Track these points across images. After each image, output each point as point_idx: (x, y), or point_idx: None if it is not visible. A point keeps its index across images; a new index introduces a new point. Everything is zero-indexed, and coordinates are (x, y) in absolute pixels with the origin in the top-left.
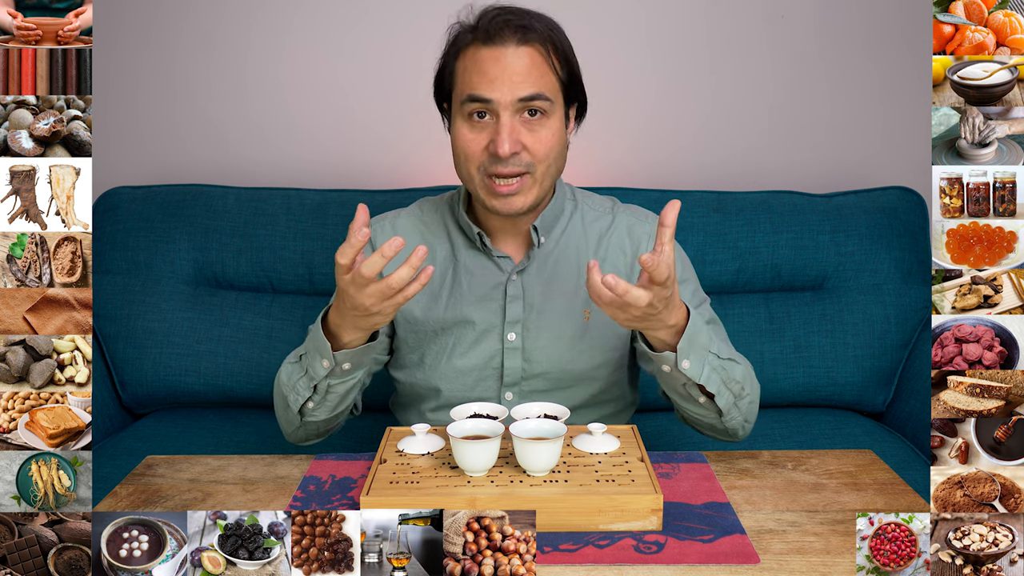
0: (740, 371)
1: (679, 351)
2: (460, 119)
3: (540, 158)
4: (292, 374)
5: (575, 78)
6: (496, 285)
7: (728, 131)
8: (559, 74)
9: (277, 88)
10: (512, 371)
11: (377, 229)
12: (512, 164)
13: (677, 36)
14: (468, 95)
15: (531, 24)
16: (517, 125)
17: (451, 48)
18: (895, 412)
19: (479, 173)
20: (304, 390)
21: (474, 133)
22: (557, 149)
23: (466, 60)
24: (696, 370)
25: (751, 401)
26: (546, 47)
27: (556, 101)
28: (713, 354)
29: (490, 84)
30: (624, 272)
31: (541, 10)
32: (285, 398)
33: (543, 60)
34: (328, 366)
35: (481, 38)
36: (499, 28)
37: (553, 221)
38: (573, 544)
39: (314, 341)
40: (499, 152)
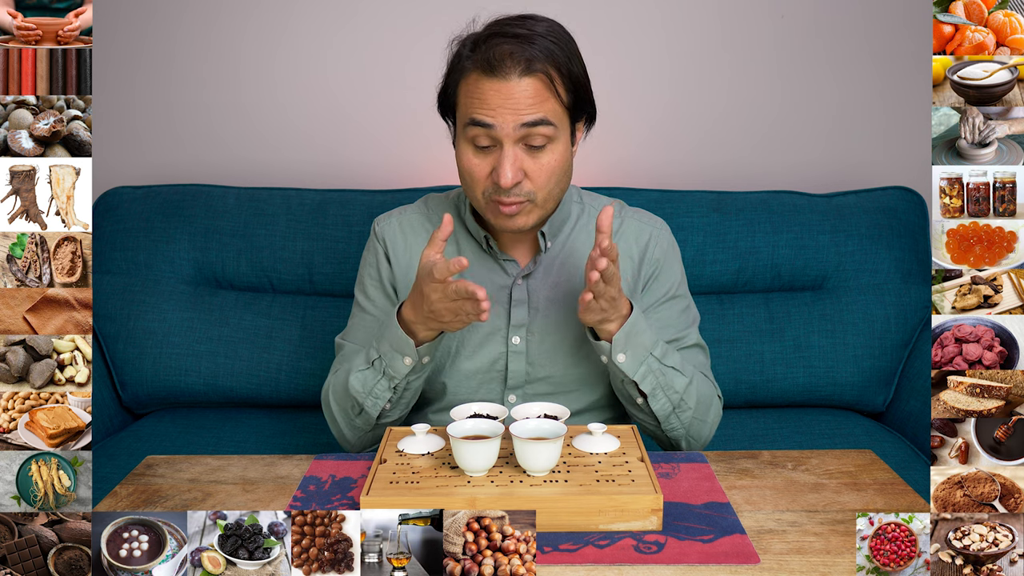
0: (682, 383)
1: (614, 343)
2: (464, 141)
3: (541, 185)
4: (367, 380)
5: (582, 94)
6: (501, 288)
7: (728, 131)
8: (564, 98)
9: (277, 88)
10: (516, 374)
11: (384, 226)
12: (514, 193)
13: (678, 38)
14: (471, 119)
15: (534, 52)
16: (520, 153)
17: (454, 68)
18: (895, 412)
19: (483, 197)
20: (384, 392)
21: (478, 159)
22: (560, 172)
23: (469, 86)
24: (631, 366)
25: (698, 419)
26: (549, 75)
27: (560, 125)
28: (654, 357)
29: (492, 113)
30: (630, 276)
31: (547, 13)
32: (360, 405)
33: (546, 88)
34: (410, 363)
35: (482, 67)
36: (501, 59)
37: (560, 226)
38: (573, 544)
39: (393, 342)
40: (501, 182)
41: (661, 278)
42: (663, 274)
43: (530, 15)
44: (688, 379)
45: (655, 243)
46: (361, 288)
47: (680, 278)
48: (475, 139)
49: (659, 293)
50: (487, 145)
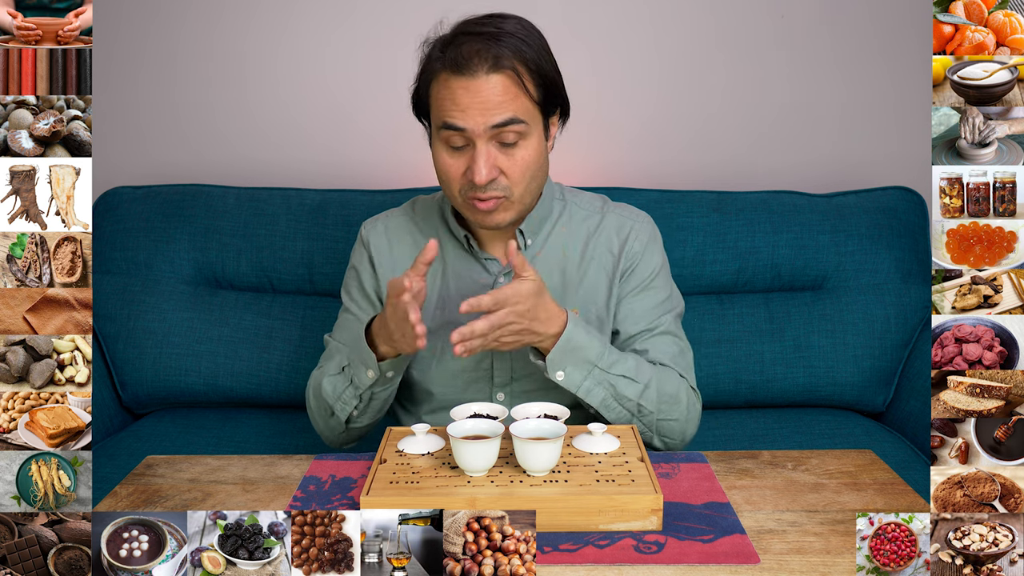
0: (635, 389)
1: (548, 362)
2: (438, 143)
3: (517, 180)
4: (337, 386)
5: (552, 89)
6: (483, 287)
7: (728, 131)
8: (533, 94)
9: (277, 88)
10: (502, 372)
11: (370, 230)
12: (490, 189)
13: (678, 36)
14: (444, 122)
15: (501, 50)
16: (493, 151)
17: (424, 70)
18: (895, 412)
19: (460, 195)
20: (351, 399)
21: (453, 159)
22: (535, 167)
23: (439, 86)
24: (572, 382)
25: (665, 420)
26: (517, 71)
27: (532, 121)
28: (600, 368)
29: (463, 114)
30: (610, 270)
31: (543, 13)
32: (331, 408)
33: (515, 85)
34: (373, 376)
35: (450, 67)
36: (468, 57)
37: (540, 223)
38: (573, 544)
39: (358, 353)
40: (475, 180)
41: (638, 270)
42: (640, 266)
43: (498, 13)
44: (643, 384)
45: (634, 236)
46: (346, 289)
47: (658, 269)
48: (448, 140)
49: (632, 284)
50: (461, 145)
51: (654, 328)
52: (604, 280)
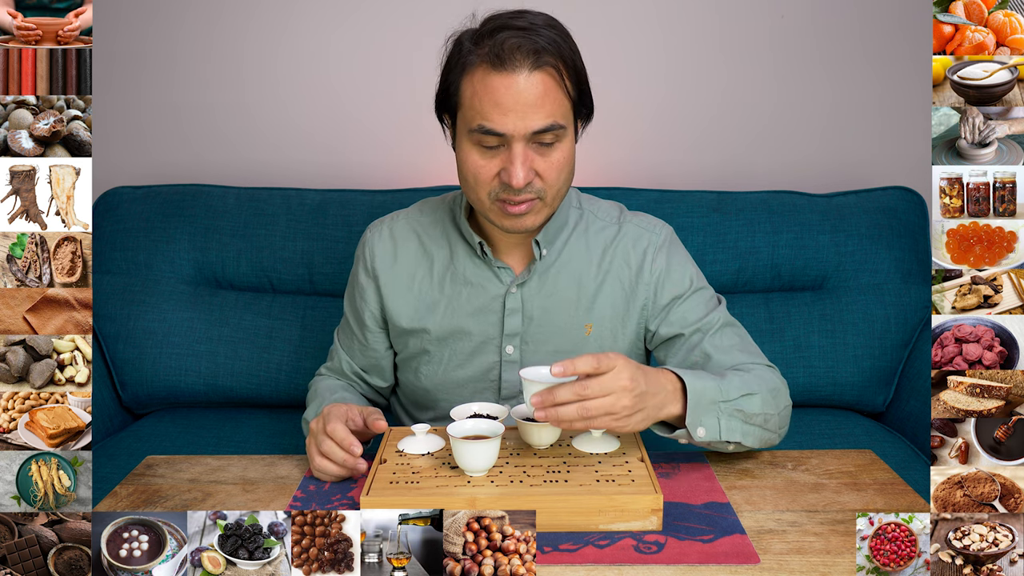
0: (757, 402)
1: (688, 425)
2: (468, 143)
3: (551, 182)
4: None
5: (585, 90)
6: (495, 297)
7: (728, 131)
8: (571, 93)
9: (277, 88)
10: (510, 384)
11: (375, 235)
12: (524, 192)
13: (678, 37)
14: (480, 125)
15: (541, 44)
16: (530, 153)
17: (455, 64)
18: (895, 412)
19: (489, 198)
20: None
21: (485, 160)
22: (569, 168)
23: (475, 83)
24: (713, 432)
25: (780, 414)
26: (558, 68)
27: (568, 123)
28: (725, 403)
29: (503, 117)
30: (627, 284)
31: (544, 9)
32: None
33: (556, 84)
34: None
35: (490, 62)
36: (511, 52)
37: (556, 233)
38: (573, 544)
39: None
40: (512, 183)
41: (670, 283)
42: (671, 278)
43: (526, 10)
44: (757, 393)
45: (652, 253)
46: (348, 300)
47: (692, 272)
48: (481, 140)
49: (675, 293)
50: (495, 145)
51: (707, 326)
52: (620, 293)
